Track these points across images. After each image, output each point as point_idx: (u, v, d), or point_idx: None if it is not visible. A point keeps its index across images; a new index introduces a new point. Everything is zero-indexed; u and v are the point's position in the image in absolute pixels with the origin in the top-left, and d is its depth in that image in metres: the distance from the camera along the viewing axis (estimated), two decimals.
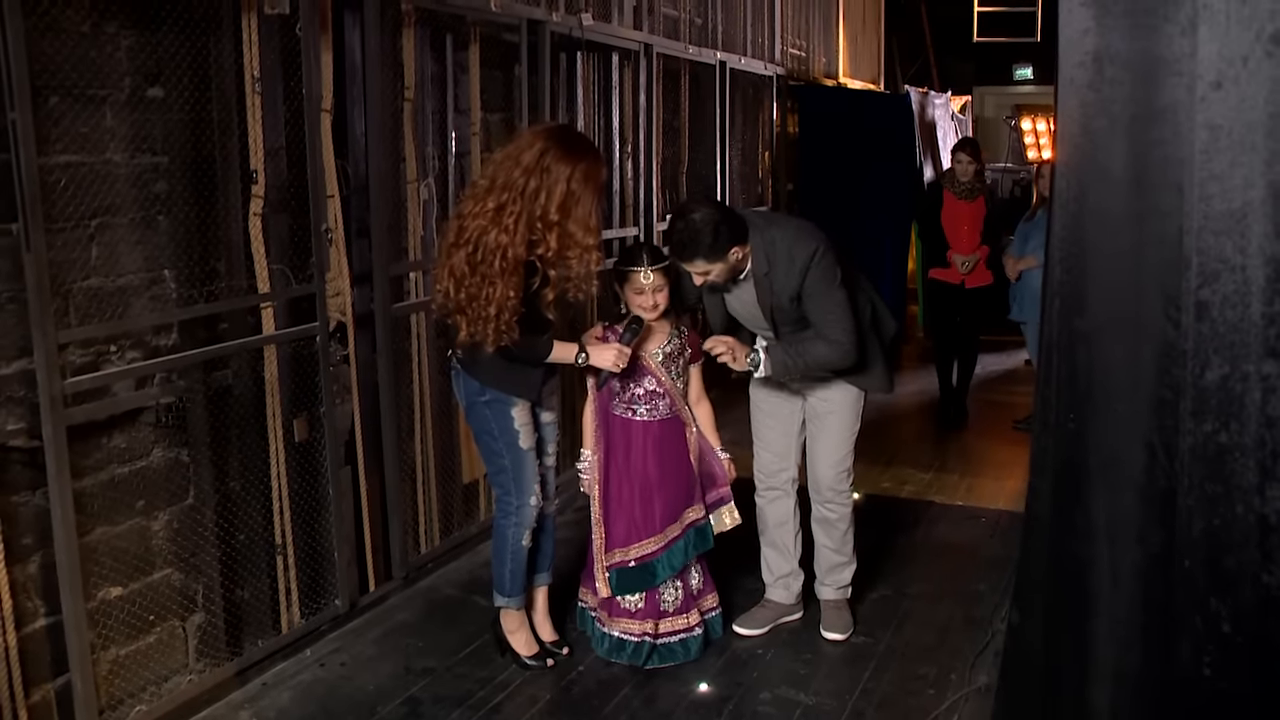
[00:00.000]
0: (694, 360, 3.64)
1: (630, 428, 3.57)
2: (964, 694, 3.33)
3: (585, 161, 3.20)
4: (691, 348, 3.62)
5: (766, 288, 3.43)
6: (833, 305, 3.40)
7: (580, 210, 3.18)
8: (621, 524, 3.56)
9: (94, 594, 3.08)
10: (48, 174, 2.85)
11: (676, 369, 3.57)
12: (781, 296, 3.42)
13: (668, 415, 3.57)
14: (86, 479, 3.05)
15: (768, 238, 3.39)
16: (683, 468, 3.59)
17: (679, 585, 3.59)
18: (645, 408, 3.55)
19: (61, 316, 2.92)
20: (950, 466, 5.73)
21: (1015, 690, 2.73)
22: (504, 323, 3.16)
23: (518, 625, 3.61)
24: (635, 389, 3.55)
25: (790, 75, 8.20)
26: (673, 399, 3.56)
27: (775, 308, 3.45)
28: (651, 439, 3.56)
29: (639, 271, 3.41)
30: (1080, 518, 2.30)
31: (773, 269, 3.39)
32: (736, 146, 7.36)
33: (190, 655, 3.40)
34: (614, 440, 3.60)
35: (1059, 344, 2.32)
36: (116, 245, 3.11)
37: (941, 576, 4.25)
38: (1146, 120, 2.04)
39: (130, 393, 3.16)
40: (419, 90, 4.21)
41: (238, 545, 3.54)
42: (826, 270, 3.37)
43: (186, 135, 3.28)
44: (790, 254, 3.36)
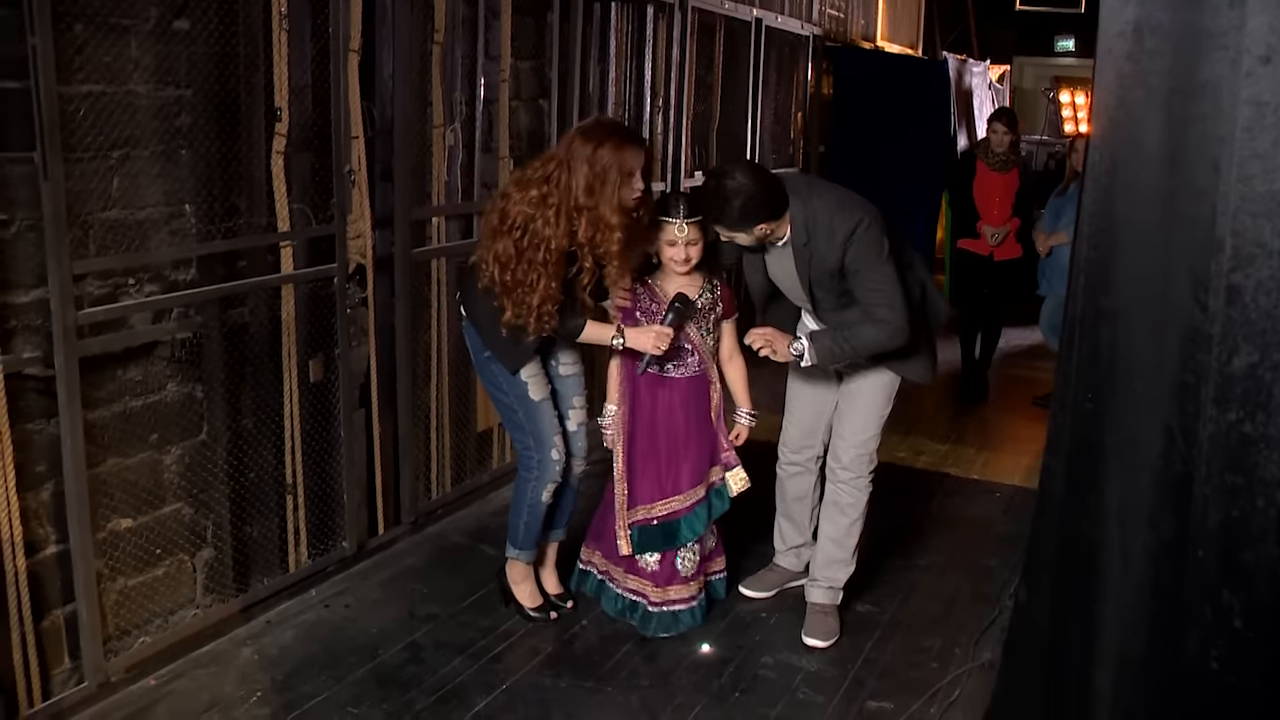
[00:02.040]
0: (726, 315, 3.51)
1: (659, 384, 3.46)
2: (967, 669, 3.31)
3: (608, 142, 3.13)
4: (724, 303, 3.49)
5: (805, 259, 3.26)
6: (879, 281, 3.20)
7: (605, 189, 3.11)
8: (646, 481, 3.47)
9: (104, 524, 3.09)
10: (69, 103, 2.83)
11: (707, 325, 3.44)
12: (820, 270, 3.25)
13: (696, 372, 3.46)
14: (100, 410, 3.06)
15: (810, 207, 3.22)
16: (707, 426, 3.49)
17: (695, 550, 3.51)
18: (674, 363, 3.43)
19: (81, 247, 2.91)
20: (968, 440, 5.69)
21: (1018, 668, 2.72)
22: (546, 313, 3.16)
23: (523, 577, 3.59)
24: None
25: (827, 36, 8.08)
26: (702, 356, 3.45)
27: (813, 280, 3.29)
28: (680, 396, 3.46)
29: (674, 223, 3.29)
30: (1093, 499, 2.27)
31: (812, 240, 3.21)
32: (769, 105, 7.27)
33: (198, 590, 3.42)
34: (640, 395, 3.49)
35: (1082, 321, 2.27)
36: (137, 178, 3.08)
37: (952, 549, 4.23)
38: (1186, 94, 1.99)
39: (146, 326, 3.16)
40: (449, 34, 4.16)
41: (248, 483, 3.55)
42: (871, 244, 3.18)
43: (211, 69, 3.24)
44: (831, 225, 3.18)
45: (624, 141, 3.17)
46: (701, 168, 6.35)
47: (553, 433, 3.45)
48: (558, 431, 3.47)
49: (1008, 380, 6.89)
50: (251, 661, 3.24)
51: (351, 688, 3.11)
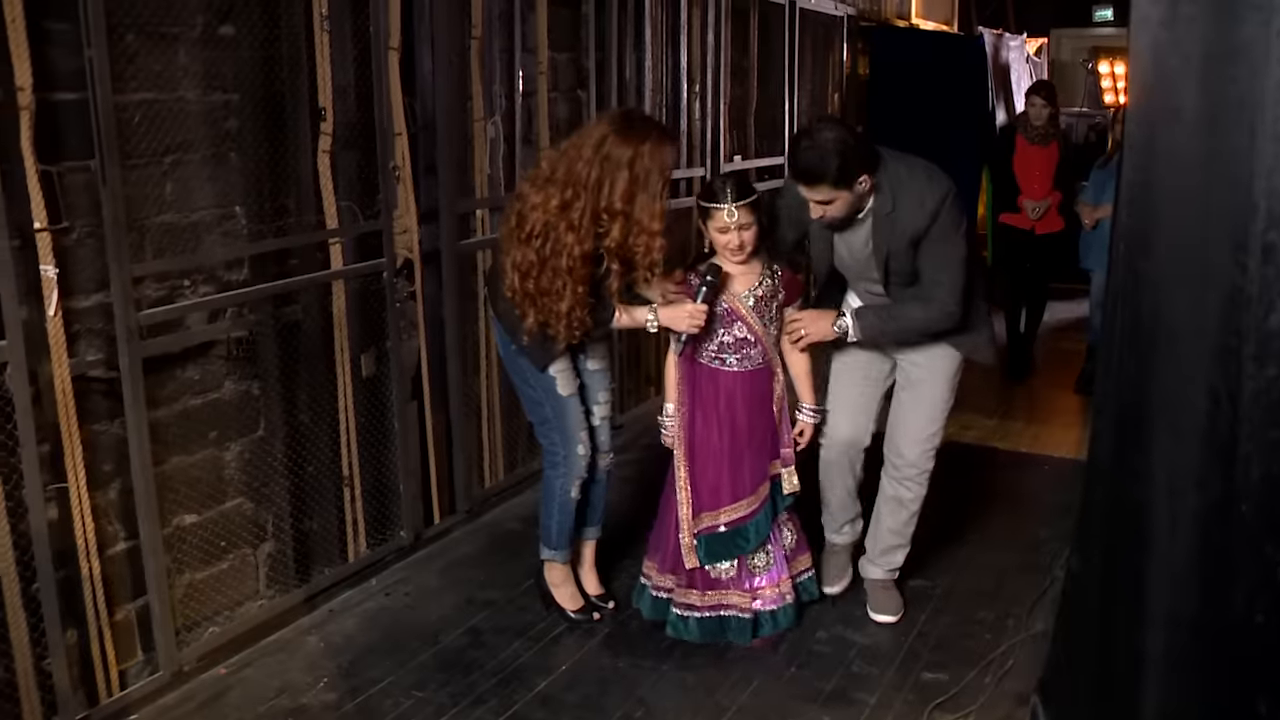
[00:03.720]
0: (788, 303, 3.31)
1: (719, 378, 3.26)
2: (1020, 639, 3.33)
3: (648, 143, 3.00)
4: (785, 290, 3.29)
5: (887, 230, 3.08)
6: (949, 257, 3.08)
7: (646, 196, 2.99)
8: (709, 485, 3.28)
9: (169, 520, 3.18)
10: (123, 111, 2.91)
11: (769, 314, 3.25)
12: (901, 240, 3.07)
13: (760, 365, 3.26)
14: (161, 409, 3.14)
15: (896, 174, 3.06)
16: (770, 421, 3.32)
17: (768, 549, 3.33)
18: (736, 356, 3.24)
19: (138, 251, 2.99)
20: (1015, 414, 5.69)
21: (1071, 636, 2.73)
22: (576, 319, 3.09)
23: (562, 579, 3.52)
24: (724, 336, 3.24)
25: (861, 15, 8.06)
26: (765, 347, 3.25)
27: (892, 254, 3.11)
28: (743, 391, 3.26)
29: (722, 209, 3.09)
30: (1140, 463, 2.28)
31: (898, 209, 3.04)
32: (805, 88, 7.28)
33: (261, 582, 3.51)
34: (701, 392, 3.29)
35: (1124, 288, 2.29)
36: (190, 181, 3.17)
37: (1003, 522, 4.23)
38: (1221, 58, 1.99)
39: (203, 326, 3.24)
40: (487, 28, 4.21)
41: (307, 477, 3.63)
42: (955, 218, 3.06)
43: (257, 73, 3.32)
44: (921, 194, 3.03)
45: (662, 139, 3.05)
46: (740, 152, 6.38)
47: (579, 428, 3.35)
48: (584, 427, 3.37)
49: (1054, 354, 6.86)
50: (317, 649, 3.32)
51: (415, 672, 3.18)
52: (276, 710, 3.00)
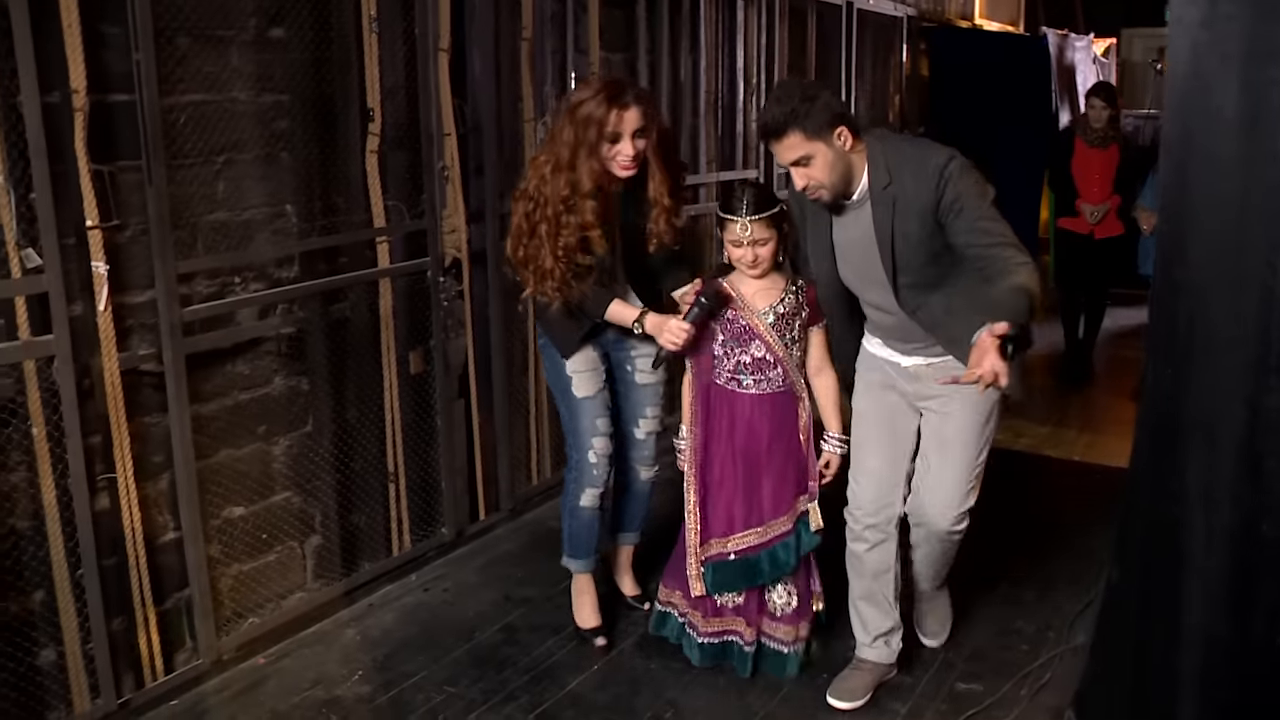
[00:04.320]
0: (813, 322, 3.08)
1: (736, 401, 3.06)
2: (1059, 651, 3.28)
3: (595, 97, 2.91)
4: (810, 307, 3.06)
5: (887, 210, 2.68)
6: (991, 214, 2.62)
7: (582, 151, 2.92)
8: (721, 511, 3.10)
9: (218, 512, 3.26)
10: (176, 112, 2.99)
11: (791, 333, 3.03)
12: (908, 220, 2.66)
13: (780, 388, 3.05)
14: (212, 403, 3.21)
15: (888, 145, 2.72)
16: (794, 450, 3.08)
17: (791, 589, 3.14)
18: (753, 378, 3.03)
19: (189, 248, 3.07)
20: (1070, 422, 5.60)
21: (1108, 650, 2.69)
22: (557, 280, 3.00)
23: (580, 590, 3.43)
24: (741, 356, 3.03)
25: (922, 16, 7.98)
26: (786, 369, 3.03)
27: (899, 236, 2.68)
28: (761, 415, 3.05)
29: (736, 221, 2.90)
30: (1174, 478, 2.24)
31: (896, 180, 2.66)
32: (864, 89, 7.22)
33: (309, 575, 3.57)
34: (717, 415, 3.10)
35: (1161, 295, 2.25)
36: (241, 180, 3.23)
37: (1049, 532, 4.17)
38: (1264, 58, 1.95)
39: (253, 322, 3.30)
40: (538, 29, 4.24)
41: (353, 472, 3.68)
42: (972, 179, 2.64)
43: (307, 74, 3.37)
44: (920, 158, 2.66)
45: (611, 97, 2.91)
46: None
47: (591, 434, 3.24)
48: (599, 434, 3.25)
49: (1113, 361, 6.74)
50: (354, 642, 3.37)
51: (448, 667, 3.22)
52: (310, 701, 3.05)
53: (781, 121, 2.61)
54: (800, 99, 2.61)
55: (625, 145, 2.93)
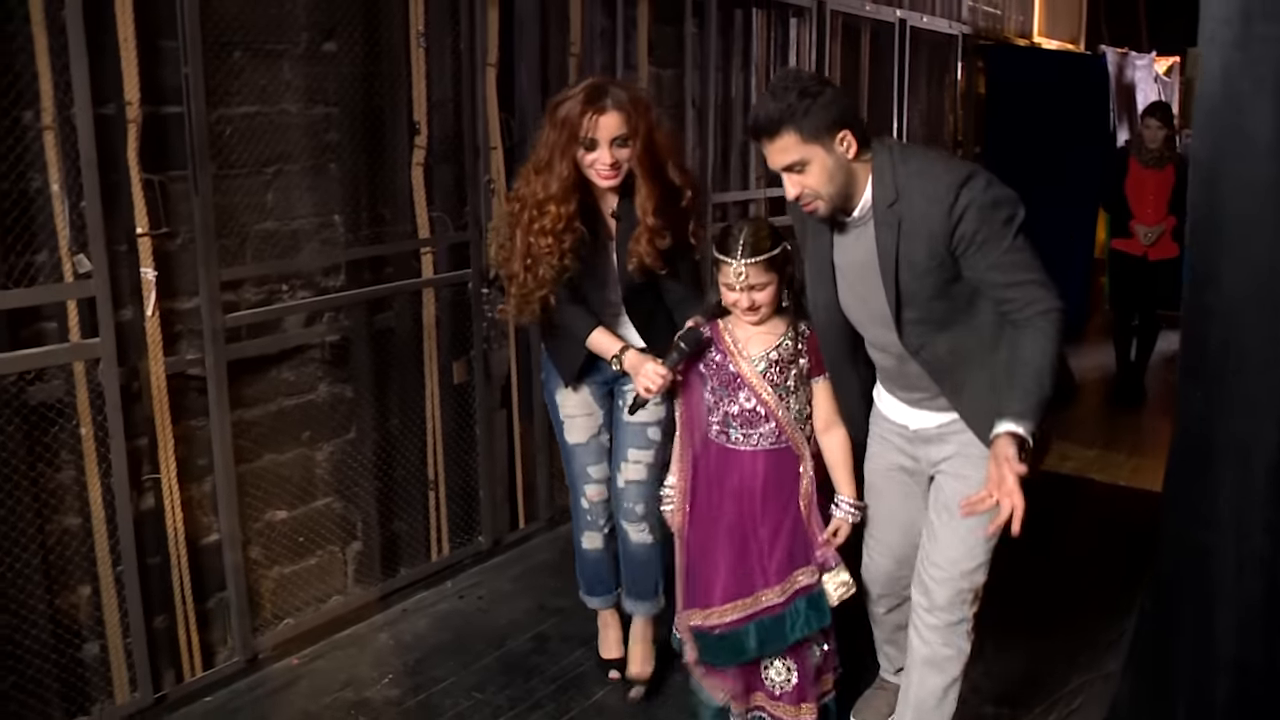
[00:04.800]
0: (817, 372, 2.73)
1: (727, 458, 2.72)
2: (1090, 678, 3.24)
3: (561, 101, 2.73)
4: (813, 354, 2.71)
5: (891, 231, 2.31)
6: (1016, 252, 2.25)
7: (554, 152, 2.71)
8: (703, 580, 2.77)
9: (260, 515, 3.33)
10: (231, 123, 3.08)
11: (787, 383, 2.67)
12: (915, 245, 2.29)
13: (775, 444, 2.69)
14: (257, 408, 3.29)
15: (898, 156, 2.33)
16: (792, 516, 2.71)
17: (791, 666, 2.78)
18: (742, 432, 2.69)
19: (238, 257, 3.15)
20: (1117, 445, 5.53)
21: (1139, 677, 2.67)
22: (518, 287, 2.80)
23: (603, 624, 3.32)
24: (729, 406, 2.69)
25: (978, 34, 7.94)
26: (780, 424, 2.67)
27: (904, 263, 2.31)
28: (753, 475, 2.70)
29: (730, 264, 2.57)
30: (1205, 504, 2.22)
31: (902, 197, 2.29)
32: (917, 107, 7.19)
33: (349, 580, 3.63)
34: (705, 470, 2.78)
35: (1191, 318, 2.23)
36: (290, 191, 3.31)
37: (1089, 557, 4.12)
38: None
39: (299, 330, 3.37)
40: (587, 45, 4.28)
41: (394, 479, 3.74)
42: (995, 203, 2.23)
43: (357, 87, 3.44)
44: (933, 176, 2.27)
45: (588, 99, 2.68)
46: None
47: (582, 480, 3.09)
48: (590, 481, 3.09)
49: (1165, 385, 6.62)
50: (387, 646, 3.42)
51: (477, 674, 3.26)
52: (340, 702, 3.11)
53: (775, 119, 2.26)
54: (799, 94, 2.24)
55: (603, 153, 2.71)
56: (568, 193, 2.73)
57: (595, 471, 3.09)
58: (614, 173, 2.73)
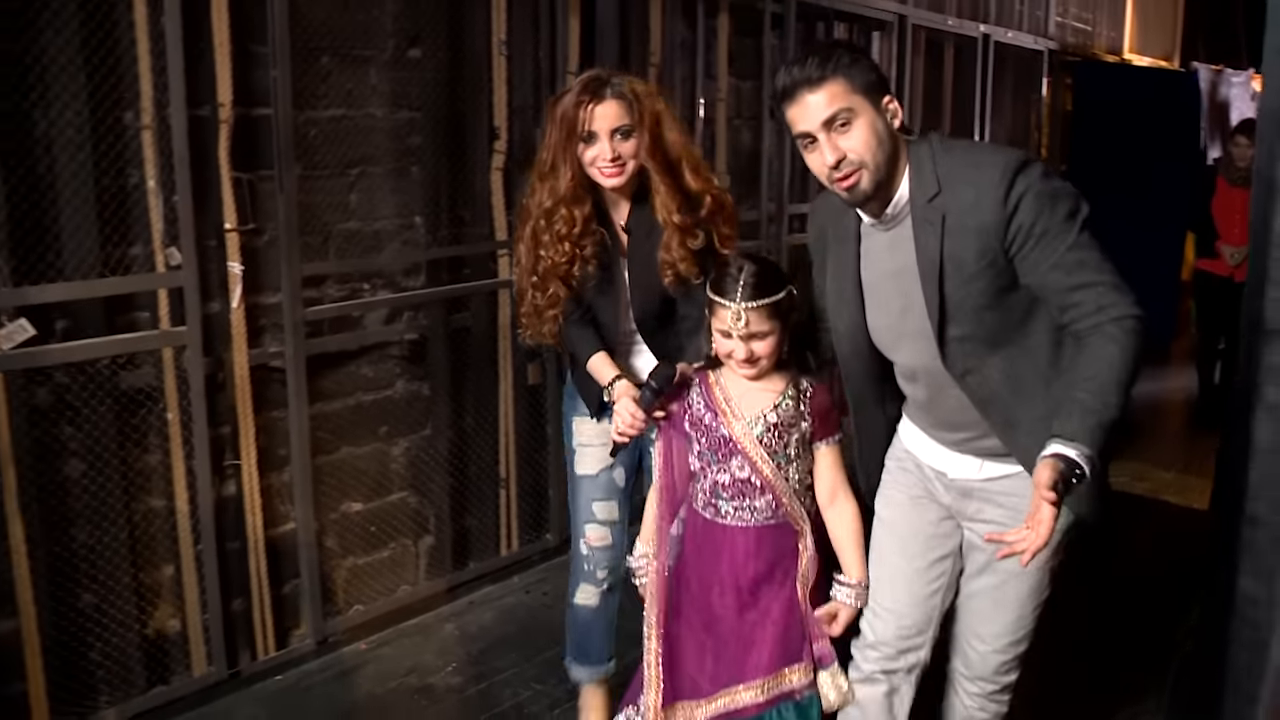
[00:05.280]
0: (821, 436, 2.32)
1: (714, 534, 2.31)
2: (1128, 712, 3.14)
3: (560, 97, 2.48)
4: (816, 416, 2.30)
5: (934, 229, 1.96)
6: (1085, 240, 1.91)
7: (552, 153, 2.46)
8: (688, 670, 2.35)
9: (337, 506, 3.44)
10: (315, 126, 3.20)
11: (786, 449, 2.27)
12: (963, 244, 1.94)
13: (770, 520, 2.28)
14: (336, 401, 3.40)
15: (937, 146, 2.01)
16: (785, 600, 2.30)
17: None
18: (733, 505, 2.28)
19: (321, 253, 3.27)
20: (1195, 468, 5.40)
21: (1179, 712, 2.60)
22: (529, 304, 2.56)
23: (584, 704, 2.86)
24: (719, 474, 2.29)
25: (1066, 50, 7.86)
26: (777, 495, 2.26)
27: (950, 264, 1.96)
28: (744, 555, 2.29)
29: (728, 307, 2.19)
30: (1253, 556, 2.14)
31: (945, 190, 1.95)
32: (1001, 123, 7.15)
33: (420, 574, 3.73)
34: (690, 548, 2.37)
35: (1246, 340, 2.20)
36: (374, 192, 3.43)
37: (1152, 582, 4.03)
38: None
39: (378, 327, 3.48)
40: (668, 55, 4.35)
41: (467, 476, 3.83)
42: (1054, 192, 1.92)
43: (440, 93, 3.55)
44: (981, 163, 1.95)
45: (584, 88, 2.41)
46: None
47: (584, 520, 2.70)
48: (592, 520, 2.70)
49: None
50: (452, 636, 3.52)
51: (538, 666, 3.32)
52: (404, 687, 3.20)
53: (820, 65, 1.92)
54: (844, 49, 1.97)
55: (602, 146, 2.40)
56: (578, 193, 2.46)
57: (600, 510, 2.70)
58: (617, 169, 2.42)
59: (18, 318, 2.62)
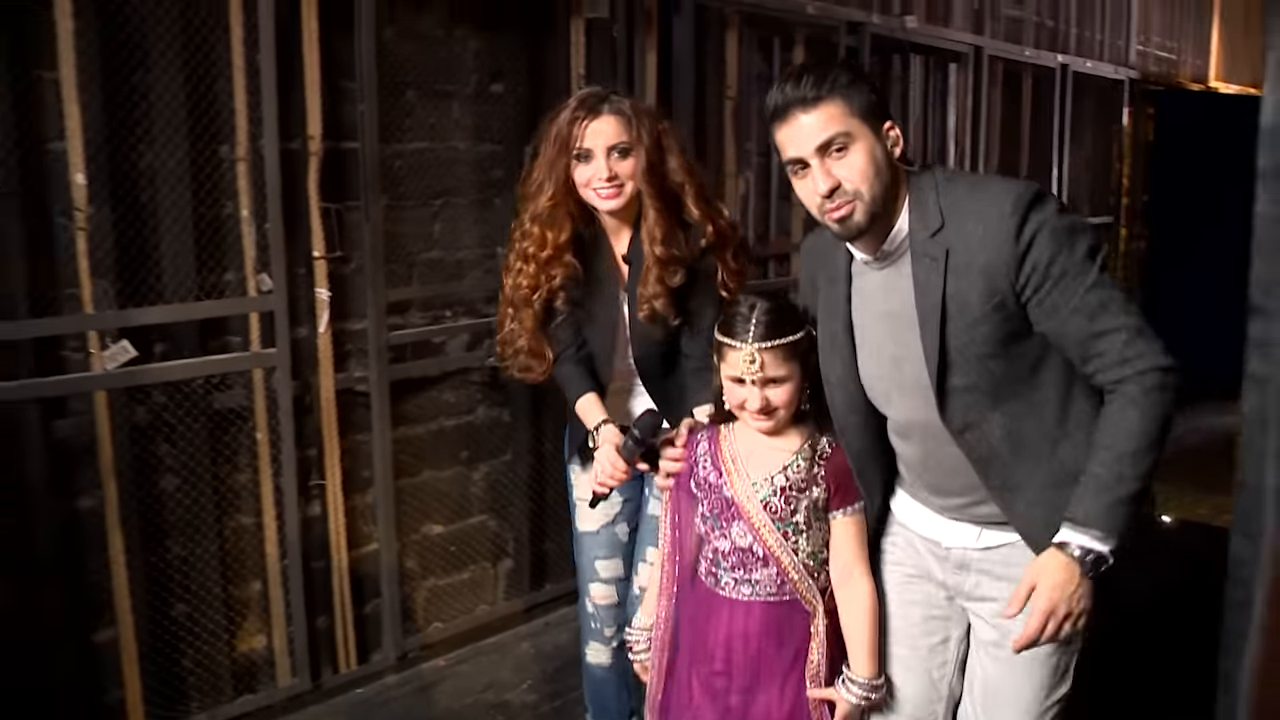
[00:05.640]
0: (840, 504, 2.02)
1: (714, 605, 2.03)
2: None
3: (557, 112, 2.33)
4: (833, 481, 2.01)
5: (935, 266, 1.76)
6: (1104, 281, 1.72)
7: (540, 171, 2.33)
8: None
9: (418, 528, 3.53)
10: (400, 158, 3.32)
11: (795, 517, 1.99)
12: (968, 281, 1.73)
13: (775, 596, 2.00)
14: (420, 426, 3.50)
15: (940, 177, 1.81)
16: (791, 691, 2.02)
17: None
18: (733, 576, 2.01)
19: (405, 281, 3.38)
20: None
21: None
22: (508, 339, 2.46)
23: None
24: (719, 540, 2.03)
25: (1148, 79, 7.78)
26: (783, 570, 1.99)
27: (953, 305, 1.75)
28: (744, 632, 2.01)
29: (739, 349, 1.93)
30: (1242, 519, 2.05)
31: (949, 224, 1.75)
32: (1080, 154, 7.09)
33: (499, 594, 3.81)
34: (688, 615, 2.09)
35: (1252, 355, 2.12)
36: (457, 222, 3.54)
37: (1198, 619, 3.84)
38: None
39: (460, 353, 3.58)
40: (744, 88, 4.42)
41: (545, 501, 3.90)
42: (1069, 228, 1.73)
43: (521, 127, 3.65)
44: (988, 196, 1.74)
45: (581, 102, 2.29)
46: None
47: (588, 579, 2.56)
48: (596, 579, 2.55)
49: None
50: (528, 655, 3.59)
51: None
52: (481, 703, 3.28)
53: (817, 85, 1.73)
54: (841, 69, 1.77)
55: (598, 164, 2.25)
56: (557, 214, 2.31)
57: (604, 568, 2.53)
58: (614, 190, 2.26)
59: (120, 339, 2.76)
